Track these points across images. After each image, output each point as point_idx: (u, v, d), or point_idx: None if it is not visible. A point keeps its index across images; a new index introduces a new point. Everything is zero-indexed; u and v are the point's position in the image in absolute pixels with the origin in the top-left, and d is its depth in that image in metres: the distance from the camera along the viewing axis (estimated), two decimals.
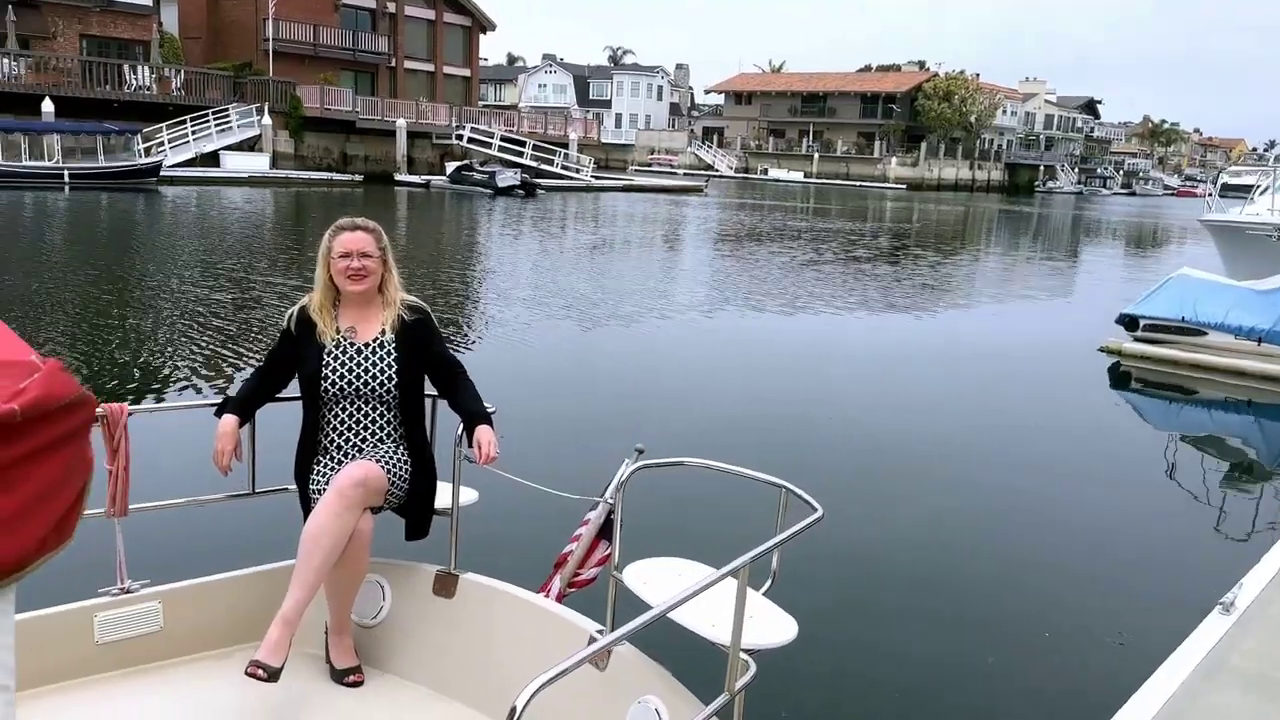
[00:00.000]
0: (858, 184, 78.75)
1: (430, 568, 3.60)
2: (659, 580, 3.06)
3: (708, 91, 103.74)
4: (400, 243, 24.80)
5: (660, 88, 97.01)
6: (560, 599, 3.43)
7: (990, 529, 6.79)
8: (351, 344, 3.51)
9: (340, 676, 3.40)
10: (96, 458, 3.51)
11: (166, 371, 9.78)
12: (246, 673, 2.99)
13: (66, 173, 33.31)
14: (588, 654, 2.04)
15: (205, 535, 4.61)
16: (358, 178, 44.42)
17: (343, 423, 3.49)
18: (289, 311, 3.59)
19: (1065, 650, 5.09)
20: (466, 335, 12.58)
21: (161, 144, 38.31)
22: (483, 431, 3.34)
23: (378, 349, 3.51)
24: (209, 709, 3.16)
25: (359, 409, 3.49)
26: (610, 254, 24.28)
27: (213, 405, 3.51)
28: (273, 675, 3.02)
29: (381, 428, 3.51)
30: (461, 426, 3.45)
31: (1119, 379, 12.55)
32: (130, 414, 3.35)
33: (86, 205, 28.85)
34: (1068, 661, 4.98)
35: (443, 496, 3.60)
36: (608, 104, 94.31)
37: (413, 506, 3.54)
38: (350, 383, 3.46)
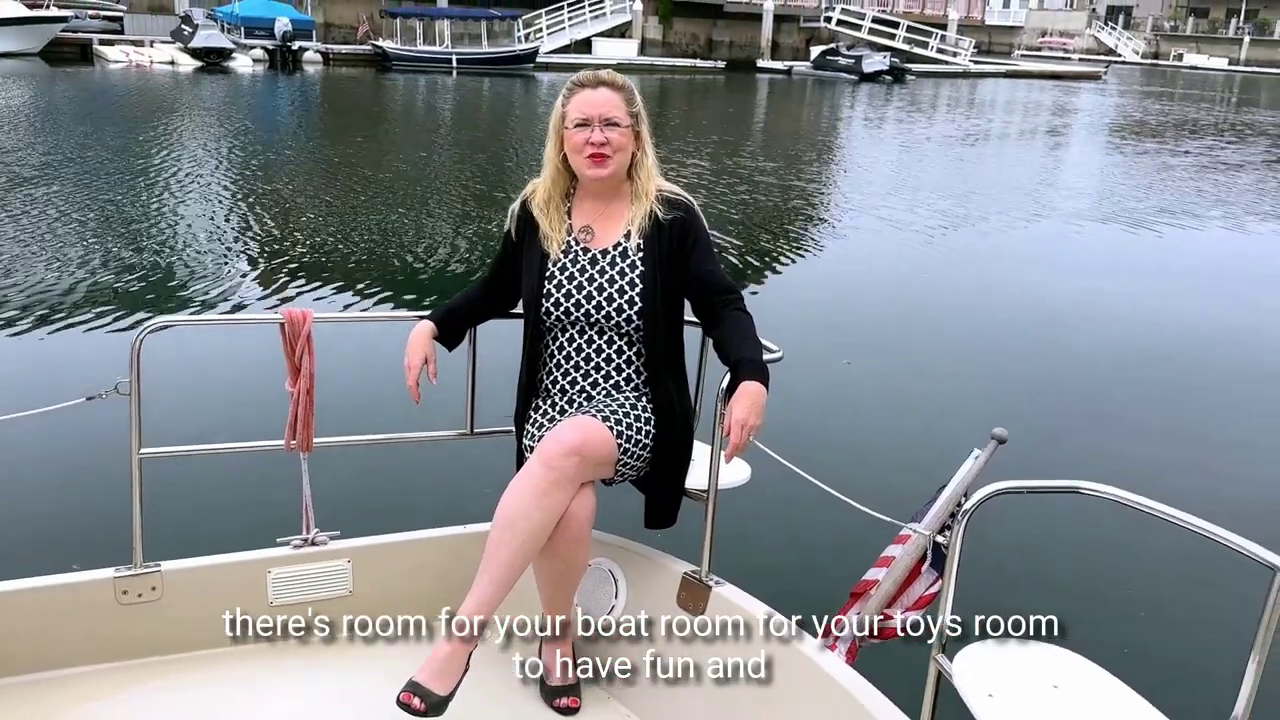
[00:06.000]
0: None
1: (677, 565, 2.60)
2: (1020, 696, 1.84)
3: None
4: (750, 132, 23.77)
5: None
6: (855, 654, 2.31)
7: None
8: (585, 251, 2.52)
9: (552, 696, 2.53)
10: (275, 377, 2.89)
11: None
12: (399, 701, 2.18)
13: (454, 57, 35.40)
14: None
15: (408, 481, 3.93)
16: (720, 64, 43.68)
17: (568, 358, 2.54)
18: (510, 207, 2.65)
19: None
20: (781, 247, 10.92)
21: (540, 30, 39.59)
22: (742, 394, 2.23)
23: (618, 259, 2.49)
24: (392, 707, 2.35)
25: (589, 341, 2.51)
26: (980, 148, 21.68)
27: (422, 316, 2.69)
28: (434, 708, 2.18)
29: (619, 369, 2.52)
30: (727, 378, 2.37)
31: None
32: (316, 322, 2.61)
33: (471, 89, 30.47)
34: None
35: (699, 473, 2.57)
36: None
37: (656, 483, 2.54)
38: (579, 304, 2.48)
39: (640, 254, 2.47)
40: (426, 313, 2.70)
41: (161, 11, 36.17)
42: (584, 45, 41.58)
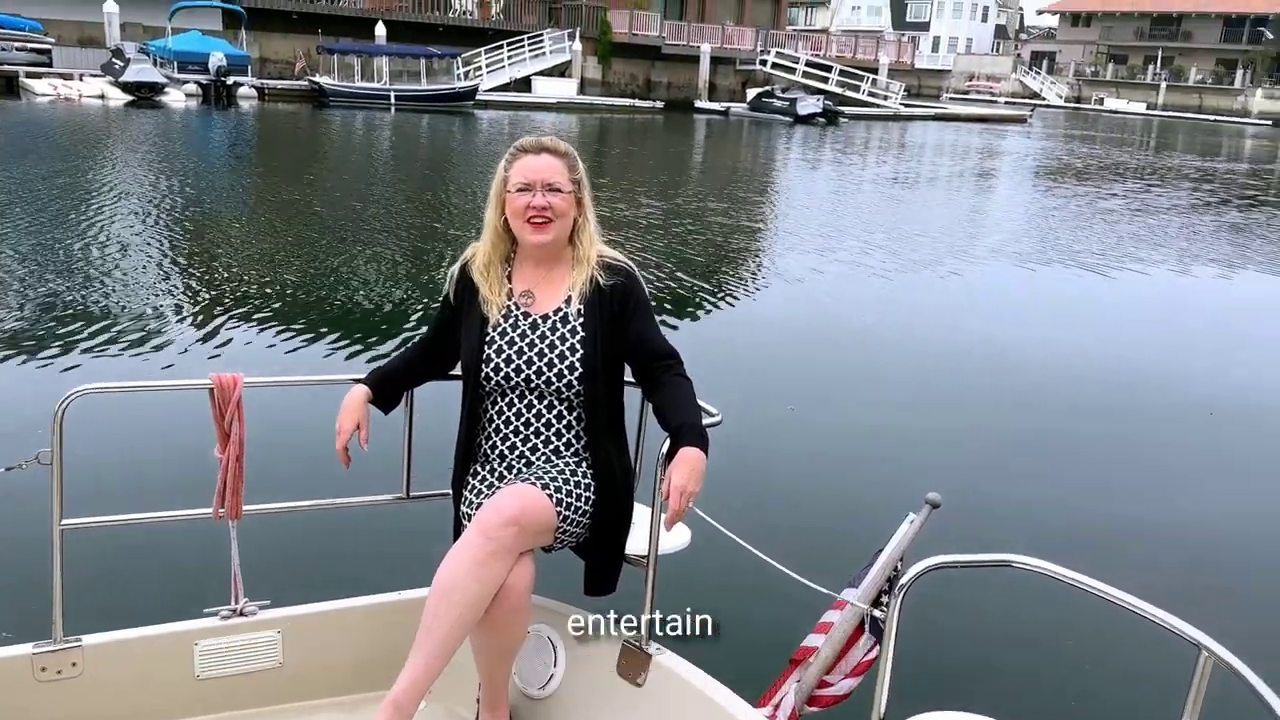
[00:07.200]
0: (1210, 118, 69.03)
1: (616, 632, 2.58)
2: None
3: (1040, 12, 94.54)
4: (692, 172, 24.06)
5: (986, 8, 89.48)
6: None
7: None
8: (525, 316, 2.52)
9: None
10: (204, 443, 2.83)
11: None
12: None
13: (393, 94, 35.26)
14: None
15: (342, 547, 3.86)
16: (659, 104, 44.19)
17: (507, 423, 2.52)
18: (450, 270, 2.64)
19: None
20: (724, 291, 10.79)
21: (479, 69, 39.65)
22: (681, 460, 2.24)
23: (559, 324, 2.49)
24: None
25: (529, 406, 2.50)
26: (916, 191, 22.18)
27: (357, 379, 2.65)
28: None
29: (559, 434, 2.51)
30: (667, 443, 2.37)
31: None
32: (247, 386, 2.56)
33: (410, 126, 30.34)
34: None
35: (639, 537, 2.56)
36: (925, 26, 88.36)
37: (595, 549, 2.52)
38: (519, 369, 2.47)
39: (581, 319, 2.48)
40: (361, 375, 2.67)
41: (91, 44, 35.48)
42: (524, 84, 41.75)
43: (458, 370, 2.65)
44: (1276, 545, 5.16)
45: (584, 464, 2.49)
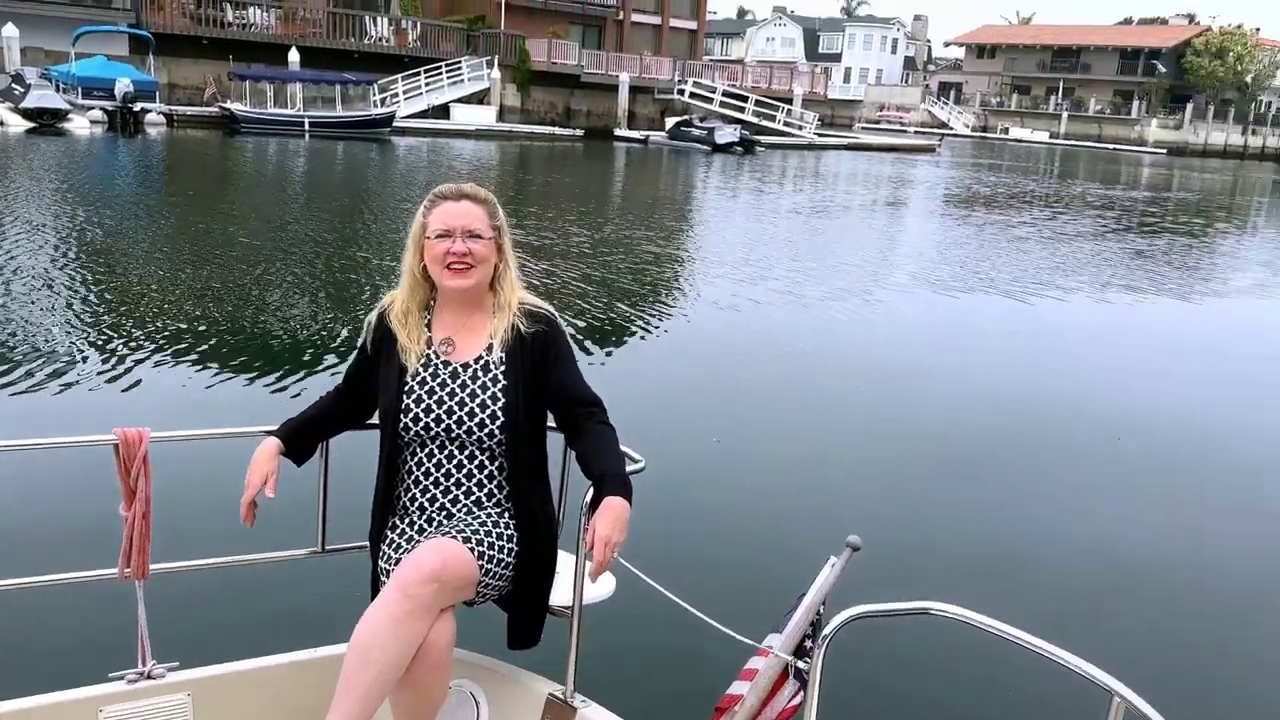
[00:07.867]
0: (1110, 147, 72.09)
1: (541, 684, 2.54)
2: None
3: (947, 44, 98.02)
4: (607, 200, 24.15)
5: (895, 40, 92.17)
6: None
7: None
8: (446, 364, 2.48)
9: None
10: (108, 500, 2.72)
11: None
12: None
13: (307, 120, 34.73)
14: None
15: (254, 604, 3.73)
16: (578, 132, 44.35)
17: (427, 474, 2.47)
18: (368, 317, 2.59)
19: None
20: (638, 322, 10.68)
21: (396, 95, 39.32)
22: (605, 510, 2.22)
23: (480, 373, 2.46)
24: None
25: (450, 456, 2.46)
26: (834, 219, 22.58)
27: (269, 431, 2.58)
28: None
29: (481, 484, 2.47)
30: (591, 491, 2.36)
31: None
32: (153, 441, 2.47)
33: (325, 153, 29.85)
34: None
35: (563, 588, 2.53)
36: (837, 58, 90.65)
37: (519, 601, 2.49)
38: (439, 419, 2.43)
39: (502, 368, 2.45)
40: (274, 426, 2.59)
41: None
42: (442, 111, 41.51)
43: (375, 419, 2.60)
44: (1181, 574, 5.30)
45: (506, 515, 2.46)
